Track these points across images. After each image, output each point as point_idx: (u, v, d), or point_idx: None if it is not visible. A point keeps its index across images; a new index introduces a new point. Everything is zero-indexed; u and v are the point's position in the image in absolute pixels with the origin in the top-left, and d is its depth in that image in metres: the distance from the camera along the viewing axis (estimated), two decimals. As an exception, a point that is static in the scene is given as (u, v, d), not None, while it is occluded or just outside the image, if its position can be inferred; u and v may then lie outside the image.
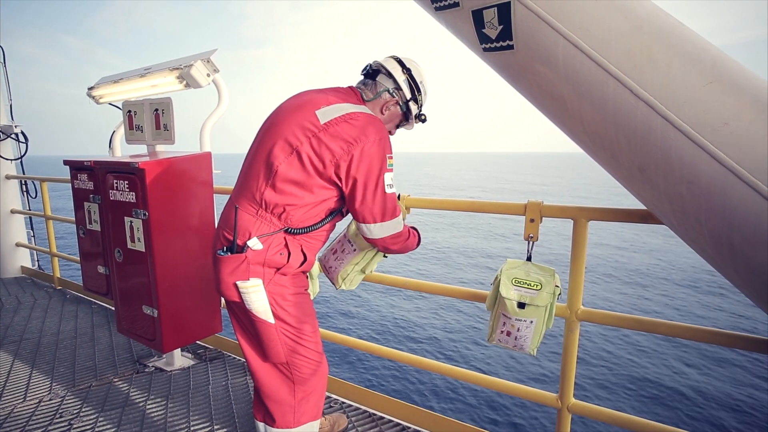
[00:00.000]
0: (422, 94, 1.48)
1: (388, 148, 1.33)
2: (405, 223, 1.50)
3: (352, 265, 1.63)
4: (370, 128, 1.29)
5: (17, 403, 2.19)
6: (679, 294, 10.61)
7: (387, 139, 1.34)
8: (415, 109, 1.48)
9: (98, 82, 2.92)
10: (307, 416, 1.48)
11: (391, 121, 1.49)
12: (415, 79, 1.45)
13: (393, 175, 1.35)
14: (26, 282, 4.21)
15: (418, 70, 1.48)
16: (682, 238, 1.16)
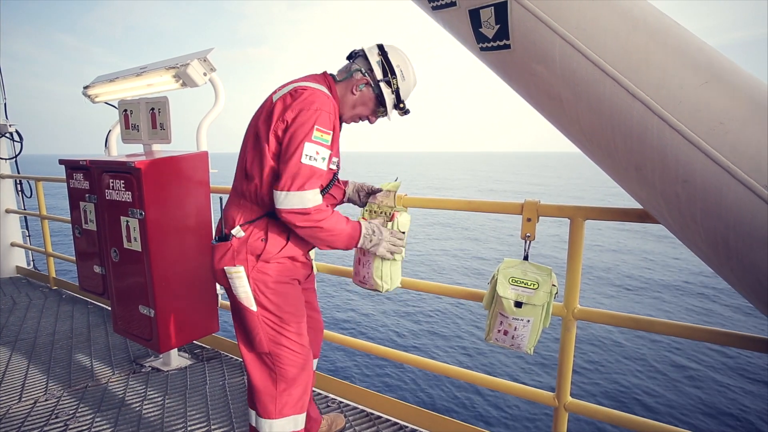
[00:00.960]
0: (398, 79, 1.43)
1: (321, 121, 1.29)
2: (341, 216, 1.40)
3: (380, 260, 1.56)
4: (309, 98, 1.31)
5: (13, 403, 2.18)
6: (670, 298, 10.67)
7: (324, 112, 1.30)
8: (388, 92, 1.43)
9: (94, 81, 2.91)
10: (289, 409, 1.46)
11: (363, 103, 1.46)
12: (390, 62, 1.42)
13: (322, 151, 1.30)
14: (21, 282, 4.19)
15: (399, 55, 1.44)
16: (678, 238, 1.17)
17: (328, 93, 1.38)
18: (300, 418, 1.49)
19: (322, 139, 1.30)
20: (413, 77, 1.50)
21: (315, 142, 1.29)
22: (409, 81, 1.48)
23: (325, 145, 1.31)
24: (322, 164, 1.31)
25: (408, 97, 1.50)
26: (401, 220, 1.59)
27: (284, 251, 1.40)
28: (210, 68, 2.32)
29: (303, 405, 1.49)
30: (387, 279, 1.59)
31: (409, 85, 1.48)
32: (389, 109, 1.47)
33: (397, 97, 1.46)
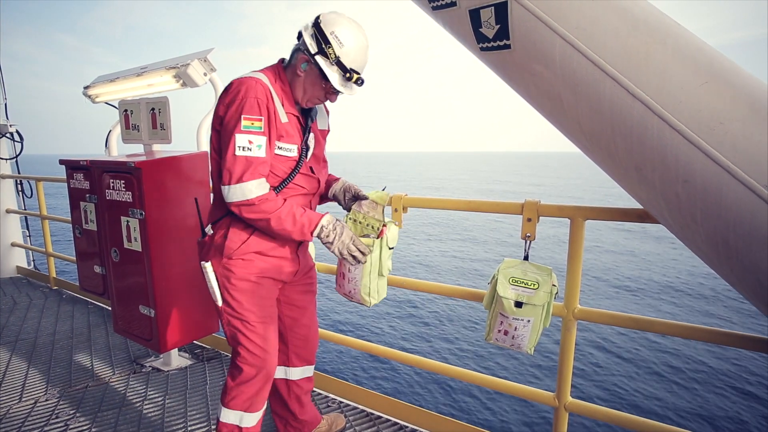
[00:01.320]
0: (334, 46, 1.29)
1: (248, 109, 1.27)
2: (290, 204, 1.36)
3: (368, 276, 1.55)
4: (235, 89, 1.31)
5: (13, 403, 2.18)
6: (669, 298, 10.67)
7: (249, 98, 1.27)
8: (326, 64, 1.30)
9: (94, 81, 2.91)
10: (237, 404, 1.47)
11: (312, 83, 1.36)
12: (323, 30, 1.29)
13: (256, 139, 1.28)
14: (22, 282, 4.19)
15: (333, 20, 1.30)
16: (678, 237, 1.17)
17: (264, 79, 1.34)
18: (247, 416, 1.49)
19: (253, 126, 1.28)
20: (357, 40, 1.33)
21: (245, 132, 1.27)
22: (351, 45, 1.31)
23: (257, 133, 1.28)
24: (259, 152, 1.29)
25: (359, 63, 1.34)
26: (391, 236, 1.55)
27: (247, 246, 1.40)
28: (210, 68, 2.32)
29: (253, 405, 1.48)
30: (374, 294, 1.58)
31: (351, 49, 1.31)
32: (335, 83, 1.33)
33: (342, 67, 1.32)
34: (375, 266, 1.55)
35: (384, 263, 1.58)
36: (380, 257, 1.56)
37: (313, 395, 2.16)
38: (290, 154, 1.40)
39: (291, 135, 1.39)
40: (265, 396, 1.52)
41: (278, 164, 1.38)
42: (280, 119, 1.35)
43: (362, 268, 1.54)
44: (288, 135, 1.38)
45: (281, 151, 1.38)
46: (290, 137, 1.39)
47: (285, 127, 1.37)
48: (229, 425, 1.48)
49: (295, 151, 1.41)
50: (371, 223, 1.54)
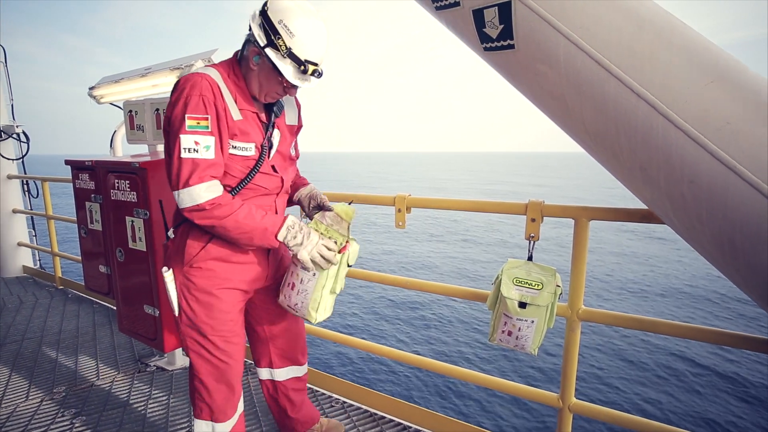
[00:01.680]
0: (284, 37, 1.18)
1: (192, 107, 1.18)
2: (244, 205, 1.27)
3: (320, 291, 1.42)
4: (179, 87, 1.22)
5: (20, 402, 2.19)
6: (673, 300, 10.60)
7: (193, 97, 1.19)
8: (278, 57, 1.20)
9: (99, 81, 2.93)
10: (205, 414, 1.45)
11: (266, 77, 1.26)
12: (270, 20, 1.18)
13: (203, 140, 1.18)
14: (28, 281, 4.22)
15: (281, 8, 1.18)
16: (684, 238, 1.16)
17: (214, 74, 1.24)
18: (218, 426, 1.46)
19: (198, 126, 1.18)
20: (309, 28, 1.20)
21: (191, 132, 1.18)
22: (303, 35, 1.19)
23: (203, 133, 1.19)
24: (207, 153, 1.20)
25: (314, 53, 1.22)
26: (352, 253, 1.47)
27: (207, 253, 1.33)
28: (214, 69, 2.33)
29: (222, 415, 1.45)
30: (322, 311, 1.45)
31: (303, 40, 1.19)
32: (290, 77, 1.22)
33: (295, 60, 1.20)
34: (330, 282, 1.43)
35: (339, 280, 1.46)
36: (337, 274, 1.45)
37: (316, 395, 2.16)
38: (247, 153, 1.30)
39: (246, 133, 1.29)
40: (234, 404, 1.48)
41: (234, 164, 1.29)
42: (232, 117, 1.26)
43: (315, 281, 1.41)
44: (243, 133, 1.28)
45: (236, 151, 1.28)
46: (245, 135, 1.29)
47: (239, 125, 1.28)
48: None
49: (252, 150, 1.31)
50: (334, 236, 1.42)
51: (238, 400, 1.51)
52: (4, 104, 4.09)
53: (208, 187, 1.21)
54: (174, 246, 1.38)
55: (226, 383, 1.44)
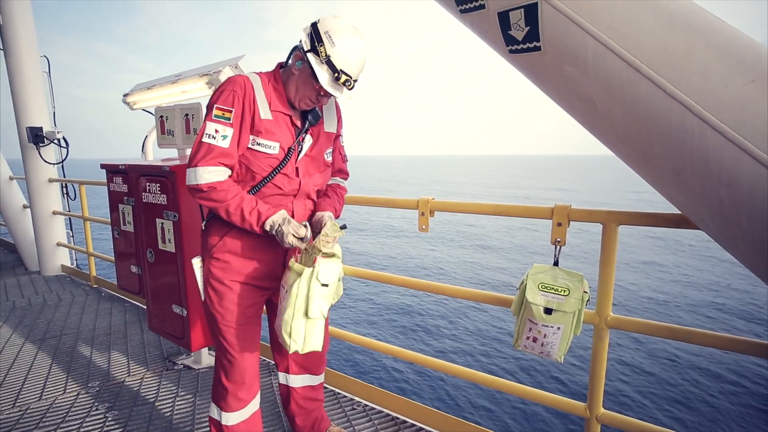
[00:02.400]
0: (326, 45, 1.28)
1: (222, 99, 1.33)
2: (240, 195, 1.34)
3: (291, 311, 1.30)
4: (221, 84, 1.37)
5: (58, 394, 2.30)
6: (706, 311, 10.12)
7: (225, 91, 1.33)
8: (317, 63, 1.29)
9: (133, 88, 3.05)
10: (218, 399, 1.52)
11: (303, 82, 1.35)
12: (319, 30, 1.29)
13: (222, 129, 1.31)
14: (66, 280, 4.42)
15: (330, 22, 1.30)
16: (721, 244, 1.11)
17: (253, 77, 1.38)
18: (224, 415, 1.51)
19: (222, 117, 1.31)
20: (350, 43, 1.30)
21: (215, 121, 1.31)
22: (342, 46, 1.29)
23: (225, 123, 1.31)
24: (223, 142, 1.32)
25: (350, 66, 1.31)
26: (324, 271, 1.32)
27: (223, 245, 1.43)
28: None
29: (228, 405, 1.50)
30: (297, 337, 1.32)
31: (342, 50, 1.29)
32: (324, 82, 1.30)
33: (331, 67, 1.29)
34: (301, 302, 1.31)
35: (312, 302, 1.31)
36: (308, 295, 1.31)
37: (338, 397, 2.17)
38: (270, 151, 1.37)
39: (272, 132, 1.37)
40: (243, 399, 1.52)
41: (257, 161, 1.37)
42: (260, 115, 1.35)
43: (288, 297, 1.32)
44: (269, 132, 1.36)
45: (259, 147, 1.36)
46: (270, 134, 1.37)
47: (266, 124, 1.36)
48: (214, 420, 1.55)
49: (277, 149, 1.38)
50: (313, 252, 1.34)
51: (251, 397, 1.55)
52: (48, 112, 4.32)
53: (212, 171, 1.32)
54: (202, 237, 1.50)
55: (237, 375, 1.49)
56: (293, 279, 1.34)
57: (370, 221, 22.01)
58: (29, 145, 4.20)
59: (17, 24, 4.01)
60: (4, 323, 3.29)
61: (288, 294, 1.33)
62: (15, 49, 4.04)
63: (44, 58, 4.28)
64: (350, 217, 22.41)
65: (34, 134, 4.13)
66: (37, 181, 4.36)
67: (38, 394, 2.30)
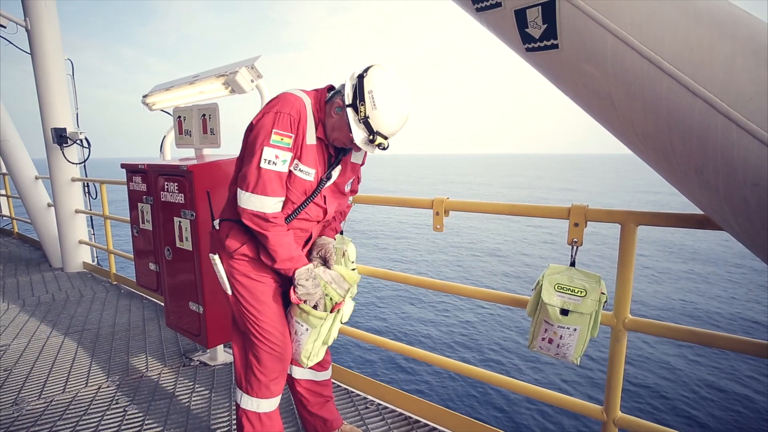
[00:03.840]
0: (366, 106, 1.27)
1: (279, 123, 1.29)
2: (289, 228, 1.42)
3: (312, 343, 1.51)
4: (273, 101, 1.35)
5: (80, 387, 2.37)
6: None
7: (283, 114, 1.30)
8: (354, 120, 1.29)
9: (152, 90, 3.11)
10: (253, 391, 1.53)
11: (339, 128, 1.37)
12: (363, 86, 1.28)
13: (282, 154, 1.30)
14: (87, 276, 4.55)
15: (376, 80, 1.28)
16: (745, 245, 1.08)
17: (305, 99, 1.36)
18: (263, 402, 1.54)
19: (282, 142, 1.30)
20: (392, 107, 1.29)
21: (273, 146, 1.30)
22: (384, 110, 1.27)
23: (284, 148, 1.31)
24: (282, 167, 1.32)
25: (387, 129, 1.30)
26: (346, 311, 1.55)
27: (244, 249, 1.46)
28: (257, 75, 2.41)
29: (268, 392, 1.53)
30: (314, 357, 1.55)
31: (383, 115, 1.28)
32: (357, 140, 1.31)
33: (368, 128, 1.29)
34: (322, 336, 1.52)
35: (331, 334, 1.54)
36: (330, 329, 1.53)
37: (351, 396, 2.18)
38: (307, 177, 1.40)
39: (312, 159, 1.39)
40: (282, 383, 1.57)
41: (293, 187, 1.39)
42: (306, 140, 1.37)
43: (308, 335, 1.50)
44: (307, 158, 1.38)
45: (300, 174, 1.38)
46: (310, 161, 1.39)
47: (309, 150, 1.38)
48: (249, 411, 1.55)
49: (312, 176, 1.41)
50: (330, 293, 1.51)
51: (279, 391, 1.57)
52: (71, 113, 4.44)
53: (275, 202, 1.35)
54: (217, 236, 1.52)
55: (282, 361, 1.52)
56: (316, 322, 1.48)
57: (382, 221, 22.03)
58: (54, 146, 4.33)
59: (44, 28, 4.14)
60: (30, 318, 3.40)
61: (309, 332, 1.50)
62: (41, 53, 4.17)
63: (68, 61, 4.41)
64: (358, 216, 22.44)
65: (58, 135, 4.25)
66: (61, 181, 4.49)
67: (62, 387, 2.37)
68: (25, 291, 4.09)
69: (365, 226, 20.36)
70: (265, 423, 1.56)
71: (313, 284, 1.44)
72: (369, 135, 1.30)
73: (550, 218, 1.60)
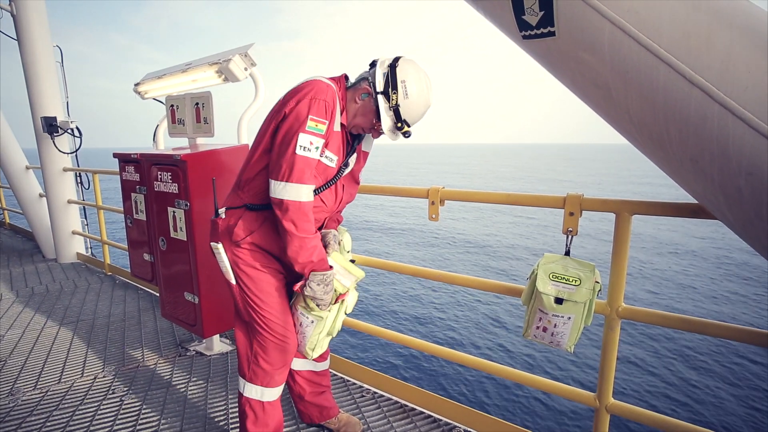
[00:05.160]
0: (399, 95, 1.32)
1: (315, 110, 1.29)
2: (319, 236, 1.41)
3: (317, 335, 1.53)
4: (307, 88, 1.33)
5: (76, 378, 2.37)
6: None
7: (318, 101, 1.30)
8: (385, 108, 1.34)
9: (143, 78, 3.06)
10: (257, 379, 1.53)
11: (363, 114, 1.40)
12: (396, 75, 1.33)
13: (315, 140, 1.29)
14: (81, 267, 4.52)
15: (408, 71, 1.34)
16: (739, 234, 1.09)
17: (334, 87, 1.37)
18: (267, 391, 1.55)
19: (316, 129, 1.30)
20: (421, 97, 1.35)
21: (309, 132, 1.30)
22: (414, 100, 1.34)
23: (318, 135, 1.31)
24: (315, 154, 1.32)
25: (413, 118, 1.37)
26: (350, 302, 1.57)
27: (252, 238, 1.45)
28: (251, 63, 2.38)
29: (272, 381, 1.54)
30: (318, 349, 1.56)
31: (412, 104, 1.35)
32: (385, 127, 1.36)
33: (397, 116, 1.35)
34: (327, 328, 1.54)
35: (336, 325, 1.56)
36: (335, 320, 1.55)
37: (347, 385, 2.20)
38: (330, 164, 1.41)
39: (336, 146, 1.41)
40: (285, 372, 1.58)
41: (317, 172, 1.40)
42: (333, 127, 1.37)
43: (313, 327, 1.51)
44: (333, 144, 1.40)
45: (325, 159, 1.39)
46: (334, 147, 1.41)
47: (335, 136, 1.39)
48: (252, 400, 1.56)
49: (335, 163, 1.42)
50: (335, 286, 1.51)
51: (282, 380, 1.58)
52: (61, 102, 4.37)
53: (310, 190, 1.34)
54: (223, 224, 1.48)
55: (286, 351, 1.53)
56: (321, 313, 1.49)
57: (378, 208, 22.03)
58: (44, 135, 4.26)
59: (30, 13, 4.04)
60: (24, 309, 3.38)
61: (314, 323, 1.50)
62: (28, 39, 4.07)
63: (57, 48, 4.32)
64: (356, 208, 22.42)
65: (48, 124, 4.18)
66: (52, 171, 4.43)
67: (57, 377, 2.37)
68: (18, 282, 4.06)
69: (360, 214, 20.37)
70: (268, 411, 1.57)
71: (323, 291, 1.41)
72: (397, 123, 1.34)
73: (546, 207, 1.60)
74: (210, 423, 1.95)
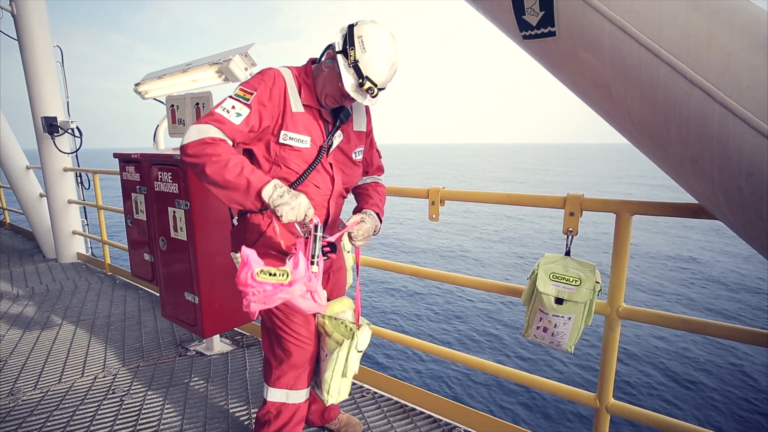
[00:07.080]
0: (356, 50, 1.27)
1: (248, 83, 1.35)
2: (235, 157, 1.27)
3: (330, 373, 1.47)
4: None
5: (77, 378, 2.37)
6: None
7: (254, 78, 1.36)
8: (344, 65, 1.29)
9: (144, 78, 3.06)
10: (282, 383, 1.54)
11: (330, 81, 1.36)
12: (353, 33, 1.28)
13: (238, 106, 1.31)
14: (81, 267, 4.52)
15: (366, 28, 1.29)
16: (739, 234, 1.09)
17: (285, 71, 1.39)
18: (293, 393, 1.55)
19: (242, 97, 1.32)
20: (380, 51, 1.29)
21: (234, 98, 1.32)
22: (372, 54, 1.28)
23: (243, 102, 1.32)
24: (235, 119, 1.30)
25: (376, 74, 1.30)
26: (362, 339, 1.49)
27: (263, 241, 1.46)
28: (251, 63, 2.38)
29: (298, 383, 1.55)
30: (334, 393, 1.49)
31: (371, 58, 1.28)
32: (347, 86, 1.29)
33: (357, 72, 1.29)
34: (341, 364, 1.47)
35: (350, 365, 1.48)
36: (347, 358, 1.47)
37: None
38: (302, 145, 1.38)
39: (301, 126, 1.38)
40: (310, 374, 1.58)
41: (291, 157, 1.38)
42: (291, 108, 1.36)
43: (327, 363, 1.47)
44: (296, 126, 1.37)
45: (291, 142, 1.37)
46: (302, 128, 1.38)
47: (297, 117, 1.37)
48: (276, 403, 1.56)
49: (308, 143, 1.39)
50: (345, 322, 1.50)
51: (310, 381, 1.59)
52: (61, 102, 4.37)
53: (211, 129, 1.27)
54: (236, 232, 1.52)
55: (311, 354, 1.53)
56: (333, 346, 1.47)
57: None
58: (44, 135, 4.26)
59: (30, 13, 4.04)
60: (25, 309, 3.38)
61: (328, 358, 1.48)
62: (29, 39, 4.08)
63: (57, 48, 4.32)
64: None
65: (48, 124, 4.18)
66: (53, 171, 4.44)
67: (58, 377, 2.37)
68: (18, 282, 4.06)
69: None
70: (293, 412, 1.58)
71: (289, 195, 1.26)
72: (359, 79, 1.29)
73: (546, 207, 1.60)
74: (210, 423, 1.95)
